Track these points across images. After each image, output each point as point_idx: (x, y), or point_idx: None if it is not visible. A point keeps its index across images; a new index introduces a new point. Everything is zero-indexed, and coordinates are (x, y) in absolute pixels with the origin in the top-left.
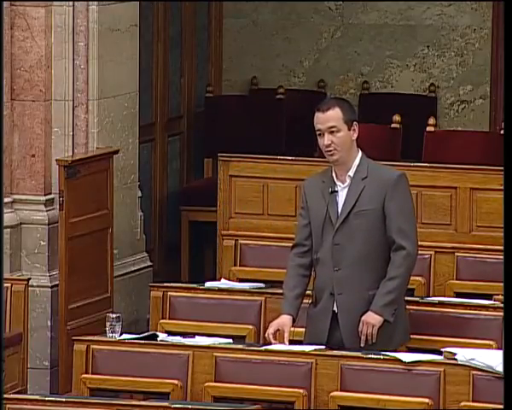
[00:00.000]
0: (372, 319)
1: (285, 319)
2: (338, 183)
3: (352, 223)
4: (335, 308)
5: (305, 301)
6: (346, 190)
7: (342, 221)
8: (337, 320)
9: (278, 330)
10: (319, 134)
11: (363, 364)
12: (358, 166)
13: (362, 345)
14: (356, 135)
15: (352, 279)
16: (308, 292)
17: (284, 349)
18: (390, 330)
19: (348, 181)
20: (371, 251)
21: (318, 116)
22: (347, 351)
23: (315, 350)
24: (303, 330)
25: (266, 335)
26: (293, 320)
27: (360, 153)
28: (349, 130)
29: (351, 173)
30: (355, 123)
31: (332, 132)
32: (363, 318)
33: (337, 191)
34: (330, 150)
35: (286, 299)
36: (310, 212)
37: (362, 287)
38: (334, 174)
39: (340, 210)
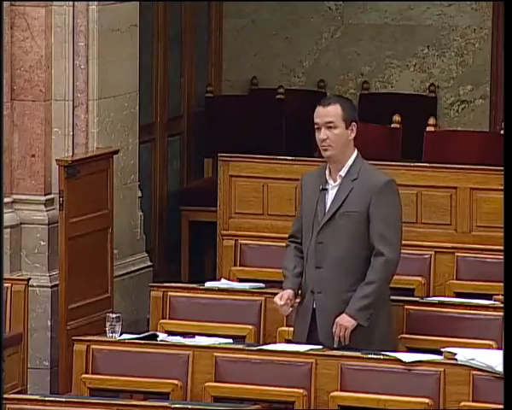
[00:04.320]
0: (346, 321)
1: (286, 291)
2: (330, 181)
3: (337, 223)
4: (315, 306)
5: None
6: (336, 189)
7: (327, 220)
8: (316, 319)
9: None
10: (317, 128)
11: (363, 364)
12: (351, 166)
13: (335, 346)
14: (353, 135)
15: (332, 279)
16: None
17: (284, 349)
18: (367, 335)
19: (339, 180)
20: (353, 253)
21: (318, 110)
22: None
23: (315, 350)
24: None
25: (274, 303)
26: (295, 294)
27: (355, 154)
28: (346, 128)
29: (342, 173)
30: (354, 123)
31: (329, 128)
32: (337, 320)
33: (327, 189)
34: (325, 145)
35: (286, 278)
36: (303, 207)
37: (341, 288)
38: (327, 171)
39: (327, 209)
